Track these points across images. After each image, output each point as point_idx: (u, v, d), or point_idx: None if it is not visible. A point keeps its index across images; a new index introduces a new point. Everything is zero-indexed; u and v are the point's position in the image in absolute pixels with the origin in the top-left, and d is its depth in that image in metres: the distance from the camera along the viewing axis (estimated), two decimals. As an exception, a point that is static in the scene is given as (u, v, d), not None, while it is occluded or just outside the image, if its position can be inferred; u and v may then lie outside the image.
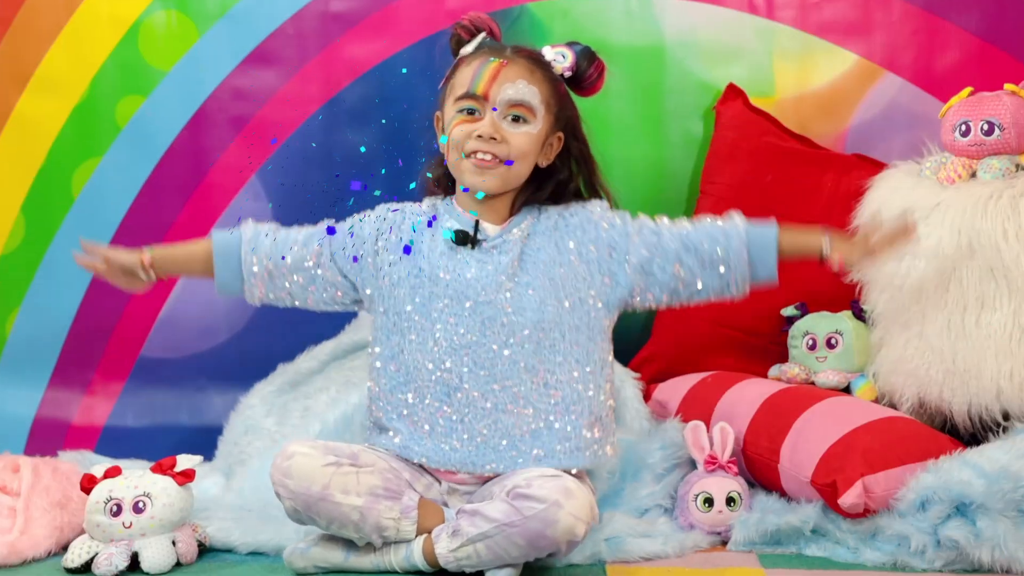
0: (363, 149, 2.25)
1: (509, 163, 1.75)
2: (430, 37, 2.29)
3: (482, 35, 1.80)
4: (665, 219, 1.79)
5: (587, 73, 1.80)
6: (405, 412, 1.77)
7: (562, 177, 1.82)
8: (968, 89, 2.07)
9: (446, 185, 1.84)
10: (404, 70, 2.24)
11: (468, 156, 1.74)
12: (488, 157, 1.73)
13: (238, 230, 1.84)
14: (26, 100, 2.37)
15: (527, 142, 1.75)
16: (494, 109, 1.74)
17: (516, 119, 1.74)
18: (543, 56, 1.79)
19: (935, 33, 2.32)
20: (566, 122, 1.81)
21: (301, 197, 2.36)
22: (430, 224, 1.80)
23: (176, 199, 2.38)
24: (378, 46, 2.34)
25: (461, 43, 1.80)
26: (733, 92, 2.33)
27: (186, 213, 2.39)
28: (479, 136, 1.73)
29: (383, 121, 2.26)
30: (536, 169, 1.80)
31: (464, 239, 1.76)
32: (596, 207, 1.80)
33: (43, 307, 2.40)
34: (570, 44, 1.81)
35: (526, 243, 1.77)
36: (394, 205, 1.85)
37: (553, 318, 1.75)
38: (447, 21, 2.28)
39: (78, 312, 2.41)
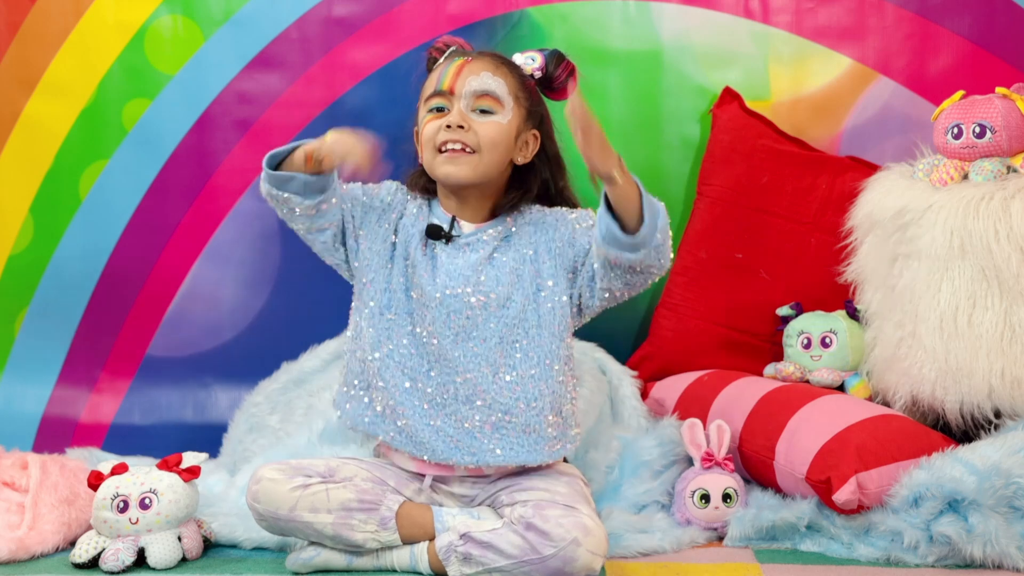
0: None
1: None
2: (432, 41, 2.29)
3: (452, 48, 1.83)
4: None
5: (556, 74, 1.82)
6: (376, 394, 1.77)
7: (546, 176, 1.83)
8: (960, 92, 2.09)
9: (428, 189, 1.86)
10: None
11: (440, 150, 1.76)
12: (457, 147, 1.75)
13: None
14: (34, 103, 2.39)
15: (496, 131, 1.76)
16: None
17: (484, 111, 1.76)
18: (510, 58, 1.82)
19: (928, 37, 2.33)
20: (540, 120, 1.82)
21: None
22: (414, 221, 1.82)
23: (182, 200, 2.40)
24: (380, 50, 2.35)
25: (435, 62, 1.83)
26: (729, 96, 2.34)
27: (191, 214, 2.40)
28: (448, 127, 1.75)
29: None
30: (517, 169, 1.82)
31: (437, 233, 1.78)
32: (575, 211, 1.81)
33: (51, 306, 2.42)
34: (540, 49, 1.84)
35: (500, 243, 1.79)
36: (398, 191, 1.86)
37: (517, 315, 1.76)
38: (449, 25, 2.32)
39: (85, 311, 2.42)
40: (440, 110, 1.77)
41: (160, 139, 2.38)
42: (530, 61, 1.82)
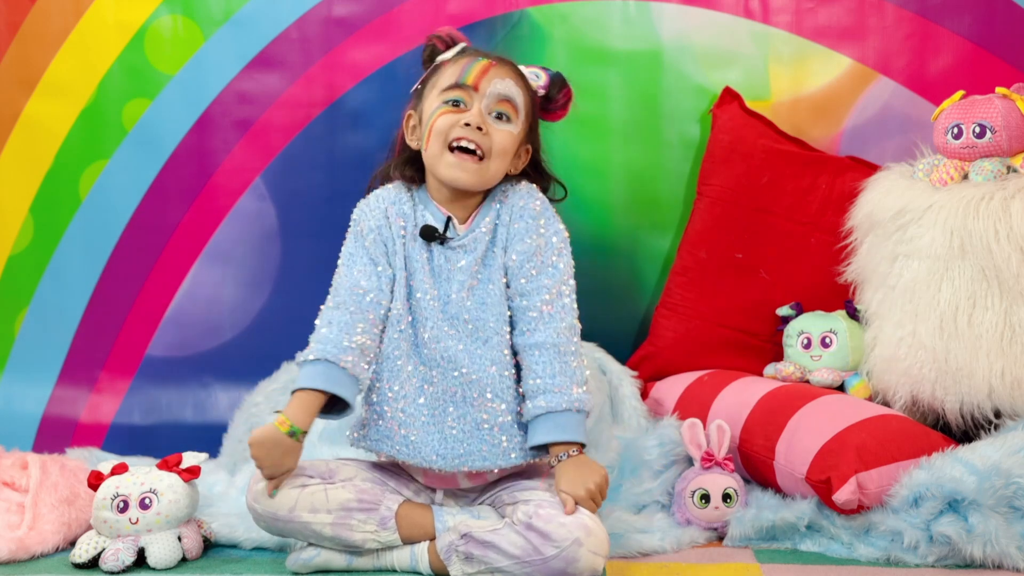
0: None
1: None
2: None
3: (461, 45, 1.82)
4: (556, 308, 1.76)
5: (556, 97, 1.83)
6: (385, 406, 1.77)
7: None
8: (960, 92, 2.09)
9: (413, 178, 1.82)
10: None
11: (451, 147, 1.75)
12: (471, 147, 1.73)
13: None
14: (34, 103, 2.39)
15: (508, 140, 1.76)
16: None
17: (500, 116, 1.76)
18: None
19: (928, 37, 2.33)
20: (534, 136, 1.83)
21: (304, 200, 2.40)
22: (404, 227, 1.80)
23: (182, 201, 2.40)
24: (380, 50, 2.36)
25: (436, 52, 1.82)
26: (729, 95, 2.34)
27: (191, 214, 2.41)
28: (466, 124, 1.73)
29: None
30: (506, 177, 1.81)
31: (431, 235, 1.77)
32: (553, 231, 1.79)
33: (51, 306, 2.42)
34: (544, 68, 1.84)
35: (489, 243, 1.77)
36: (368, 209, 1.82)
37: (507, 316, 1.76)
38: (448, 25, 2.31)
39: (85, 311, 2.42)
40: (456, 104, 1.76)
41: (160, 139, 2.39)
42: (535, 77, 1.82)
